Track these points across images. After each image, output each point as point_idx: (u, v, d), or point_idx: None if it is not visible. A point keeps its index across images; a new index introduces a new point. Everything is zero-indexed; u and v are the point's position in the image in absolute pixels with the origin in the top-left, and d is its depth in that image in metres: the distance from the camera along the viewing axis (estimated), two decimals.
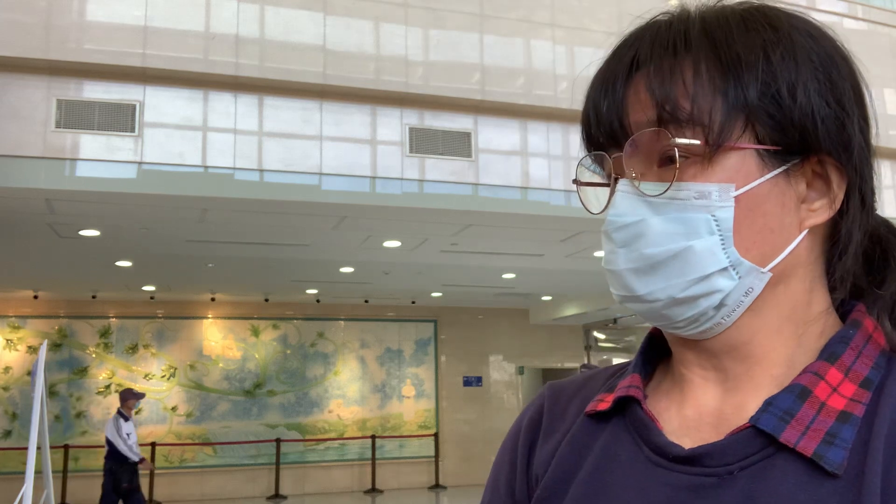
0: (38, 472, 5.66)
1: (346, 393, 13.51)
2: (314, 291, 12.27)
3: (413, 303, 13.56)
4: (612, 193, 0.66)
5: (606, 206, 0.66)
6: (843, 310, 0.69)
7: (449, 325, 14.25)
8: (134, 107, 5.72)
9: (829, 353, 0.64)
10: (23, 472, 5.47)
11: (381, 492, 12.97)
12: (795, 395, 0.61)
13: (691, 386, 0.69)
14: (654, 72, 0.64)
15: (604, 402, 0.73)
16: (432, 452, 13.64)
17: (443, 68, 6.48)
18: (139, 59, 5.69)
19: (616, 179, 0.66)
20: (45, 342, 7.03)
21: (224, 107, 5.95)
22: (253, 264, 9.36)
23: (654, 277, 0.64)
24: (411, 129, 6.39)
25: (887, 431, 0.58)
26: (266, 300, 12.93)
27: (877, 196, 0.69)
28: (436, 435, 13.75)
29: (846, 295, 0.69)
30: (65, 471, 11.45)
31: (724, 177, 0.62)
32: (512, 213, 6.57)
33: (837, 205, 0.65)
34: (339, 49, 6.21)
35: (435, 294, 12.64)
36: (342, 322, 13.69)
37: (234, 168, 5.92)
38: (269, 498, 12.48)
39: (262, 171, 5.99)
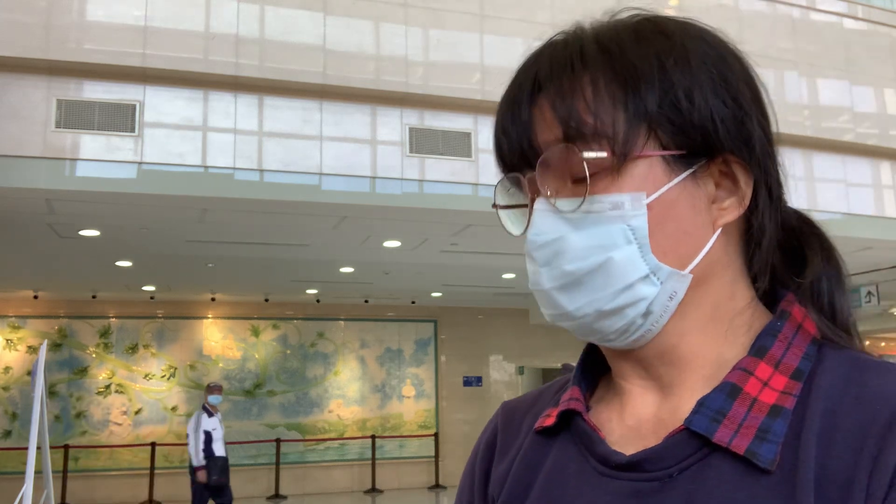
0: (38, 472, 5.66)
1: (346, 393, 13.51)
2: (314, 291, 12.27)
3: (413, 303, 13.56)
4: (530, 213, 0.67)
5: (527, 227, 0.67)
6: (775, 300, 0.70)
7: (449, 325, 14.24)
8: (134, 107, 5.72)
9: (758, 347, 0.65)
10: (23, 472, 5.47)
11: (381, 492, 12.97)
12: (726, 393, 0.62)
13: (630, 395, 0.70)
14: (556, 91, 0.65)
15: (549, 418, 0.74)
16: (432, 452, 13.64)
17: (443, 68, 6.47)
18: (139, 59, 5.69)
19: (533, 199, 0.67)
20: (45, 342, 7.02)
21: (224, 107, 5.95)
22: (253, 264, 9.36)
23: (579, 293, 0.65)
24: (411, 129, 6.39)
25: (819, 423, 0.59)
26: (266, 300, 12.93)
27: (785, 187, 0.71)
28: (436, 435, 13.75)
29: (767, 286, 0.70)
30: (65, 471, 11.45)
31: (634, 186, 0.63)
32: None
33: (746, 201, 0.66)
34: (339, 49, 6.21)
35: (435, 294, 12.64)
36: (342, 322, 13.69)
37: (234, 168, 5.92)
38: (269, 498, 12.49)
39: (262, 171, 5.99)
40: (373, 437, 13.26)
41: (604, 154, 0.63)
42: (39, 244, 7.71)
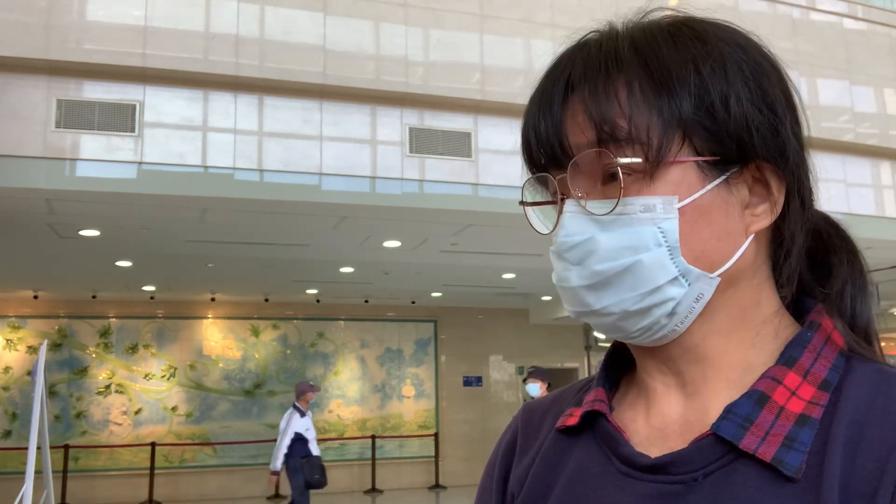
0: (38, 472, 5.66)
1: (346, 393, 13.51)
2: (314, 291, 12.28)
3: (413, 303, 13.56)
4: (559, 214, 0.68)
5: (555, 227, 0.68)
6: (800, 308, 0.71)
7: (449, 325, 14.24)
8: (134, 107, 5.72)
9: (788, 357, 0.65)
10: (23, 472, 5.47)
11: (381, 492, 12.97)
12: (754, 401, 0.63)
13: (655, 394, 0.70)
14: (590, 93, 0.65)
15: (573, 417, 0.74)
16: (432, 452, 13.64)
17: (443, 68, 6.47)
18: (139, 59, 5.69)
19: (563, 200, 0.67)
20: (45, 342, 7.02)
21: (224, 107, 5.95)
22: (253, 264, 9.36)
23: (607, 292, 0.65)
24: (411, 129, 6.39)
25: (845, 433, 0.60)
26: (266, 300, 12.93)
27: (815, 195, 0.71)
28: (436, 435, 13.75)
29: (793, 293, 0.71)
30: (65, 471, 11.45)
31: (666, 190, 0.64)
32: (512, 213, 6.56)
33: (779, 209, 0.67)
34: (339, 49, 6.21)
35: (435, 294, 12.64)
36: (342, 322, 13.69)
37: (234, 168, 5.92)
38: (269, 498, 12.48)
39: (262, 171, 5.99)
40: (373, 437, 13.26)
41: (638, 160, 0.63)
42: (39, 244, 7.71)
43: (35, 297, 11.92)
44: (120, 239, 7.55)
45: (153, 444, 11.97)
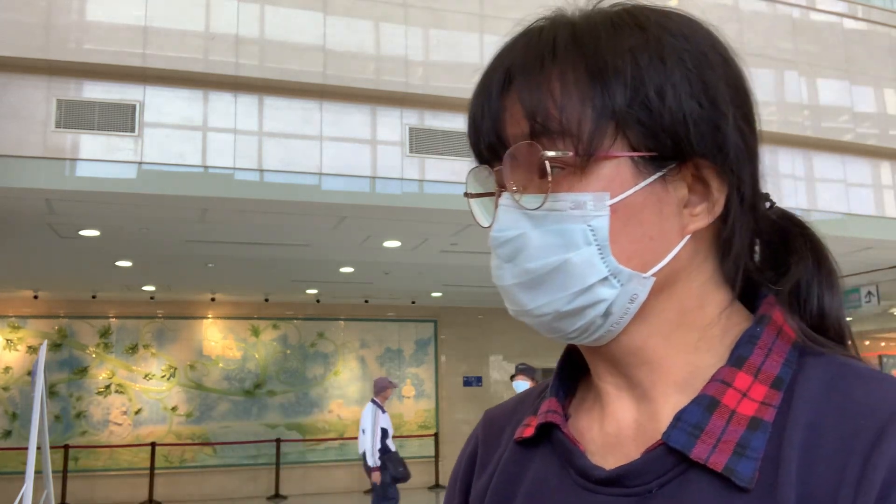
0: (38, 472, 5.66)
1: (346, 393, 13.51)
2: (314, 291, 12.27)
3: (413, 303, 13.56)
4: (496, 207, 0.66)
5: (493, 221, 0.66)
6: (755, 303, 0.68)
7: (449, 325, 14.24)
8: (134, 107, 5.72)
9: (737, 356, 0.62)
10: (23, 472, 5.47)
11: None
12: (703, 406, 0.60)
13: (608, 398, 0.68)
14: (525, 84, 0.63)
15: (529, 428, 0.72)
16: (432, 452, 13.64)
17: (443, 68, 6.47)
18: (139, 59, 5.69)
19: (500, 193, 0.65)
20: (45, 342, 7.02)
21: (224, 107, 5.95)
22: (253, 264, 9.36)
23: (538, 292, 0.63)
24: (411, 129, 6.39)
25: (801, 438, 0.57)
26: (266, 300, 12.93)
27: (764, 193, 0.68)
28: (436, 435, 13.75)
29: (738, 292, 0.67)
30: (65, 471, 11.45)
31: (598, 186, 0.61)
32: None
33: (718, 209, 0.63)
34: (339, 49, 6.21)
35: (435, 294, 12.64)
36: (342, 322, 13.69)
37: (234, 168, 5.92)
38: (269, 498, 12.49)
39: (262, 171, 5.99)
40: None
41: (568, 153, 0.61)
42: (39, 244, 7.71)
43: (35, 297, 11.92)
44: (120, 239, 7.55)
45: (153, 444, 11.98)
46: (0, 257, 8.47)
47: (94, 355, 12.39)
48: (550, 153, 0.61)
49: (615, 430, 0.67)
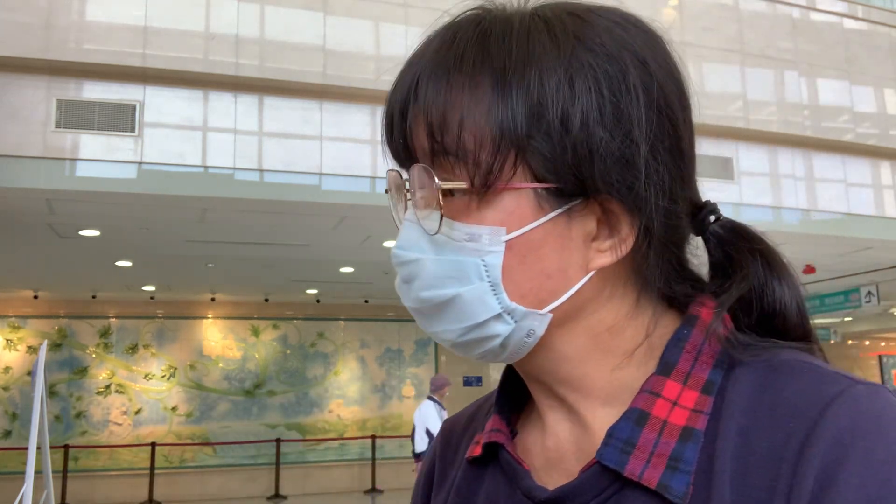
0: (38, 472, 5.66)
1: (346, 393, 13.51)
2: (314, 291, 12.28)
3: None
4: (402, 220, 0.62)
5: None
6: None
7: None
8: (134, 107, 5.72)
9: (664, 363, 0.59)
10: (23, 472, 5.47)
11: (381, 492, 12.98)
12: (633, 421, 0.57)
13: (544, 411, 0.66)
14: (430, 95, 0.58)
15: (478, 447, 0.70)
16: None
17: None
18: (139, 59, 5.69)
19: (407, 203, 0.62)
20: (45, 342, 7.02)
21: (224, 107, 5.95)
22: (253, 264, 9.36)
23: (434, 319, 0.61)
24: None
25: (733, 445, 0.54)
26: (266, 300, 12.93)
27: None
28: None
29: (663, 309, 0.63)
30: (65, 471, 11.45)
31: (497, 218, 0.57)
32: None
33: (626, 248, 0.58)
34: (339, 49, 6.21)
35: None
36: (342, 322, 13.69)
37: (234, 168, 5.92)
38: (269, 498, 12.49)
39: (262, 171, 5.99)
40: (373, 437, 13.26)
41: (462, 184, 0.56)
42: (39, 244, 7.72)
43: (35, 297, 11.92)
44: (120, 239, 7.55)
45: (153, 444, 11.98)
46: (0, 257, 8.47)
47: (94, 355, 12.39)
48: (444, 184, 0.57)
49: (555, 446, 0.65)
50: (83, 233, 7.20)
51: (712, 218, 0.64)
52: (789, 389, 0.54)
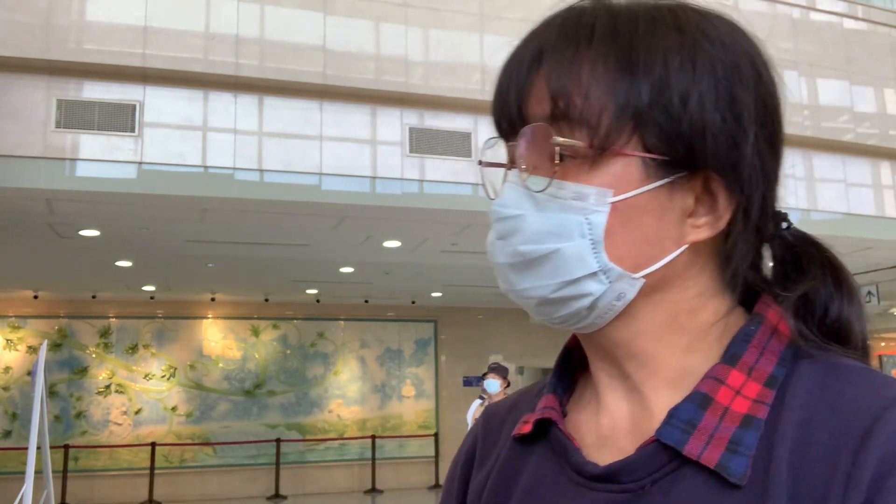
0: (38, 472, 5.66)
1: (346, 393, 13.51)
2: (314, 291, 12.28)
3: (413, 303, 13.56)
4: (504, 182, 0.66)
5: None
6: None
7: (449, 325, 14.24)
8: (134, 107, 5.72)
9: (730, 354, 0.62)
10: (23, 472, 5.47)
11: (381, 492, 12.97)
12: (696, 404, 0.60)
13: (602, 387, 0.68)
14: (555, 64, 0.62)
15: (527, 425, 0.72)
16: (432, 452, 13.64)
17: (443, 68, 6.48)
18: (139, 59, 5.69)
19: (510, 169, 0.65)
20: (45, 342, 7.02)
21: (224, 107, 5.95)
22: (253, 264, 9.36)
23: (527, 275, 0.63)
24: (411, 129, 6.39)
25: (792, 436, 0.57)
26: (266, 300, 12.93)
27: (773, 213, 0.67)
28: (436, 435, 13.75)
29: (738, 299, 0.67)
30: (65, 471, 11.45)
31: (605, 181, 0.60)
32: None
33: (722, 225, 0.63)
34: (339, 49, 6.21)
35: (435, 294, 12.64)
36: (342, 322, 13.69)
37: (234, 168, 5.92)
38: (269, 498, 12.48)
39: (262, 171, 5.99)
40: (373, 437, 13.26)
41: (580, 143, 0.60)
42: (39, 244, 7.71)
43: (35, 297, 11.92)
44: (120, 239, 7.55)
45: (153, 444, 11.98)
46: (0, 257, 8.47)
47: (94, 355, 12.39)
48: (563, 140, 0.61)
49: (610, 423, 0.67)
50: (83, 233, 7.20)
51: (784, 224, 0.69)
52: (851, 390, 0.58)
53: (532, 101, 0.63)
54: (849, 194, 7.81)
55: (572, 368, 0.75)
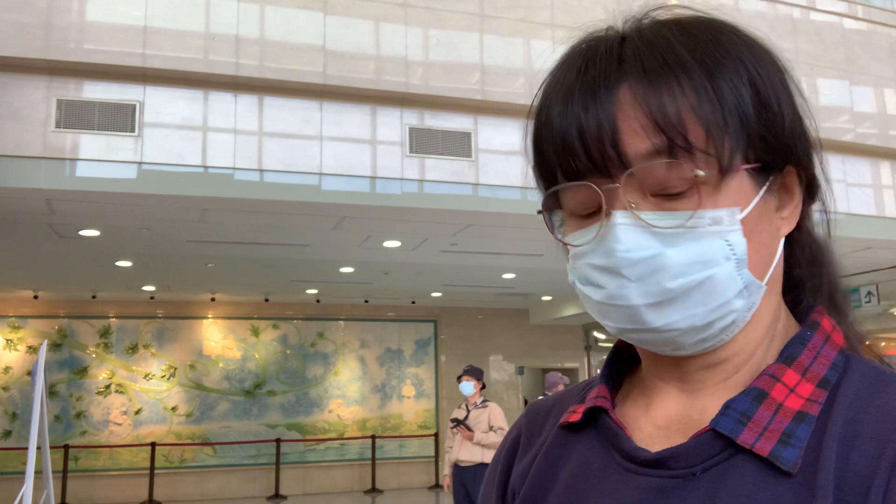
0: (38, 472, 5.66)
1: (346, 393, 13.51)
2: (314, 291, 12.27)
3: (413, 303, 13.56)
4: (603, 226, 0.62)
5: (595, 240, 0.63)
6: (799, 310, 0.72)
7: (449, 325, 14.24)
8: (134, 107, 5.72)
9: (787, 355, 0.65)
10: (23, 472, 5.47)
11: (381, 492, 12.97)
12: (752, 397, 0.63)
13: (657, 392, 0.70)
14: (651, 89, 0.60)
15: (575, 414, 0.74)
16: (432, 452, 13.64)
17: (443, 68, 6.47)
18: (139, 59, 5.69)
19: (608, 212, 0.62)
20: (45, 342, 7.02)
21: (224, 107, 5.95)
22: (253, 264, 9.36)
23: (671, 309, 0.62)
24: (411, 129, 6.39)
25: (841, 428, 0.60)
26: (266, 300, 12.93)
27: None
28: (436, 435, 13.74)
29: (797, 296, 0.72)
30: (65, 471, 11.45)
31: (729, 201, 0.62)
32: (512, 213, 6.57)
33: (799, 210, 0.68)
34: (339, 49, 6.21)
35: (435, 294, 12.64)
36: (342, 322, 13.69)
37: (234, 168, 5.92)
38: (269, 498, 12.48)
39: (262, 171, 5.98)
40: (373, 437, 13.26)
41: (713, 171, 0.60)
42: (39, 244, 7.71)
43: (35, 297, 11.92)
44: (120, 239, 7.55)
45: (153, 444, 11.98)
46: (0, 257, 8.47)
47: (94, 355, 12.39)
48: (700, 172, 0.60)
49: (664, 422, 0.69)
50: (83, 233, 7.20)
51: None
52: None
53: (628, 137, 0.60)
54: (849, 194, 7.81)
55: (621, 366, 0.77)
